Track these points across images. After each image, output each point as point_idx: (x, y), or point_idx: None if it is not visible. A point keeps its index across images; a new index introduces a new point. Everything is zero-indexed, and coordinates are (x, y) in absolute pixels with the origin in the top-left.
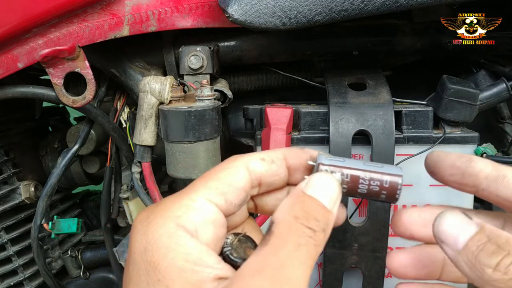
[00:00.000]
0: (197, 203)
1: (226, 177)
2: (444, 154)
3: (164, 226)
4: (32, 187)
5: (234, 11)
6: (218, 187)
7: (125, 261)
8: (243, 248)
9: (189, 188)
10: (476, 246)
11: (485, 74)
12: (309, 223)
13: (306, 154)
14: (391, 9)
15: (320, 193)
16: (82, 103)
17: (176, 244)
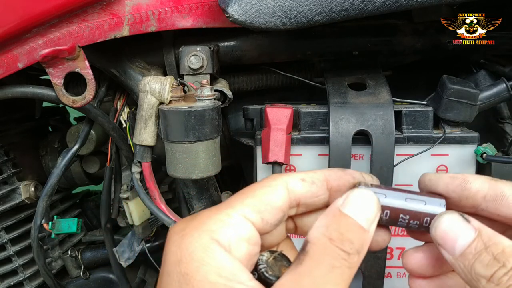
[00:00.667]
0: (233, 219)
1: (264, 195)
2: (436, 178)
3: (199, 239)
4: (32, 187)
5: (234, 11)
6: (255, 205)
7: (124, 261)
8: (278, 266)
9: (226, 204)
10: (472, 255)
11: (485, 74)
12: (344, 246)
13: (348, 176)
14: (391, 9)
15: (357, 211)
16: (82, 103)
17: (210, 258)
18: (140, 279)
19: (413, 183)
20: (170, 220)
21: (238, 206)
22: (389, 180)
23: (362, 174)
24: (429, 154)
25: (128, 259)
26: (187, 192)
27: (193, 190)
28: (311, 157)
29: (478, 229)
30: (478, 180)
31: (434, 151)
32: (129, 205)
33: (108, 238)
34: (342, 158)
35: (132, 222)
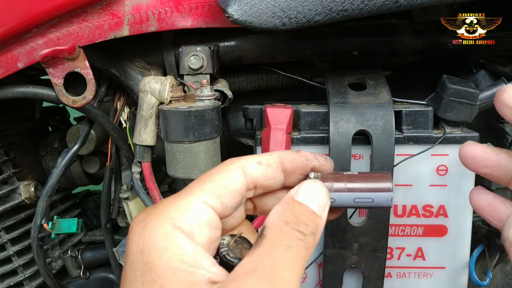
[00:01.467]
0: (194, 205)
1: (222, 180)
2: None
3: (160, 227)
4: (32, 187)
5: (234, 11)
6: (214, 190)
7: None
8: (240, 248)
9: (185, 190)
10: None
11: (485, 74)
12: (299, 227)
13: (302, 157)
14: (391, 9)
15: (309, 199)
16: (82, 103)
17: (172, 245)
18: None
19: (413, 183)
20: None
21: (197, 192)
22: None
23: (315, 156)
24: (429, 154)
25: None
26: None
27: None
28: None
29: None
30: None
31: (434, 151)
32: (129, 205)
33: (108, 238)
34: (342, 158)
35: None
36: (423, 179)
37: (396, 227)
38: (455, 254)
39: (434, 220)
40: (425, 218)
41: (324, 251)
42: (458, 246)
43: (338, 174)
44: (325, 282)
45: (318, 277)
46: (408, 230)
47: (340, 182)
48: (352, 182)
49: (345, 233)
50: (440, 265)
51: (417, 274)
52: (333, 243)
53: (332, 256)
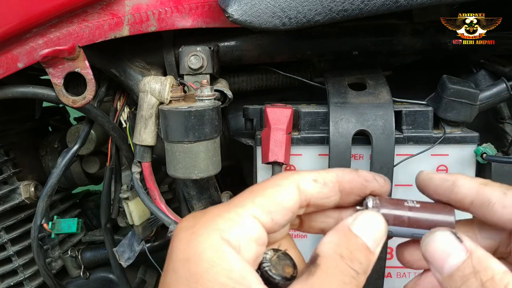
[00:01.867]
0: (243, 219)
1: (275, 195)
2: (428, 178)
3: (209, 238)
4: (32, 187)
5: (234, 11)
6: (265, 205)
7: (124, 261)
8: (282, 265)
9: (236, 202)
10: (460, 278)
11: (485, 74)
12: (354, 265)
13: (361, 178)
14: (391, 9)
15: (366, 233)
16: (82, 103)
17: (220, 259)
18: (140, 279)
19: (413, 183)
20: (170, 220)
21: (248, 205)
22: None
23: (374, 176)
24: (429, 154)
25: (128, 259)
26: (187, 192)
27: (193, 190)
28: (311, 157)
29: (470, 250)
30: (467, 185)
31: (434, 151)
32: (129, 205)
33: (108, 238)
34: (342, 158)
35: (132, 222)
36: None
37: None
38: None
39: None
40: None
41: None
42: None
43: (399, 202)
44: None
45: None
46: None
47: (400, 213)
48: (414, 213)
49: None
50: None
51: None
52: None
53: None
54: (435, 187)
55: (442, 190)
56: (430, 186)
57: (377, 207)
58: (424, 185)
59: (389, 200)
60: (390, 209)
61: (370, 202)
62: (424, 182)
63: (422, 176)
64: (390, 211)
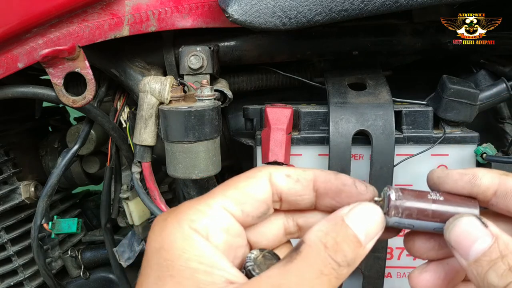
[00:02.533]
0: (212, 210)
1: (246, 187)
2: (444, 175)
3: (179, 228)
4: (32, 187)
5: (234, 11)
6: (236, 197)
7: (124, 261)
8: (267, 265)
9: (208, 194)
10: (487, 263)
11: (485, 74)
12: (336, 257)
13: (338, 181)
14: (391, 9)
15: (359, 225)
16: (82, 103)
17: (190, 246)
18: None
19: (413, 183)
20: None
21: (219, 197)
22: (389, 180)
23: (355, 182)
24: (429, 154)
25: (128, 259)
26: (187, 192)
27: (193, 190)
28: (311, 157)
29: (495, 235)
30: (488, 176)
31: (434, 151)
32: (129, 205)
33: (108, 238)
34: (342, 158)
35: (132, 222)
36: (423, 179)
37: None
38: None
39: None
40: None
41: None
42: None
43: (422, 194)
44: None
45: None
46: None
47: (424, 205)
48: (437, 206)
49: None
50: None
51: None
52: None
53: None
54: (453, 183)
55: (462, 184)
56: (448, 182)
57: (400, 199)
58: (440, 182)
59: (412, 192)
60: (413, 201)
61: (392, 194)
62: (440, 179)
63: (437, 173)
64: (413, 204)
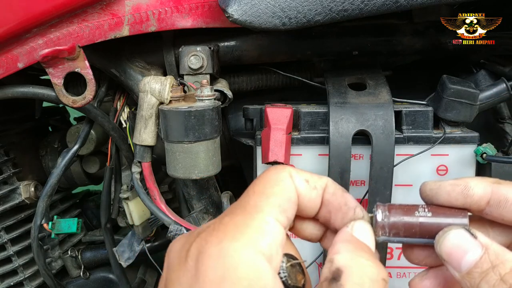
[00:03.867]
0: (270, 226)
1: (282, 192)
2: (436, 187)
3: (242, 252)
4: (32, 187)
5: (234, 11)
6: (280, 204)
7: (124, 261)
8: (294, 273)
9: (253, 206)
10: (478, 274)
11: (485, 74)
12: None
13: (343, 198)
14: (391, 9)
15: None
16: (82, 103)
17: (256, 276)
18: (140, 279)
19: (413, 183)
20: (170, 220)
21: (267, 208)
22: (389, 180)
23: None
24: (429, 154)
25: (128, 259)
26: (187, 192)
27: (193, 190)
28: (311, 157)
29: (485, 245)
30: (480, 186)
31: (434, 151)
32: (129, 205)
33: (108, 238)
34: (342, 158)
35: (132, 222)
36: (423, 179)
37: None
38: None
39: None
40: None
41: (324, 251)
42: None
43: (408, 211)
44: None
45: (318, 277)
46: None
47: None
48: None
49: None
50: None
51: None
52: None
53: None
54: (447, 194)
55: (455, 195)
56: (441, 194)
57: (387, 219)
58: (433, 194)
59: (399, 210)
60: (399, 220)
61: (379, 214)
62: (433, 191)
63: (429, 185)
64: (400, 223)
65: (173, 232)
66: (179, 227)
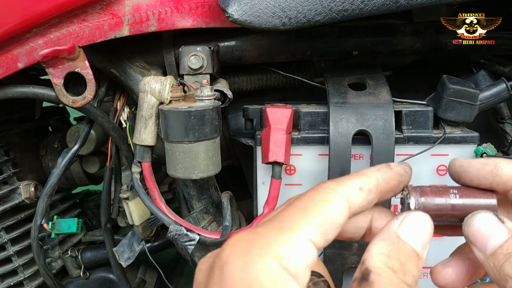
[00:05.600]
0: (301, 244)
1: (328, 212)
2: (466, 164)
3: (267, 266)
4: (32, 187)
5: (234, 11)
6: (321, 225)
7: (124, 261)
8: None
9: (288, 222)
10: (503, 255)
11: (485, 74)
12: (406, 279)
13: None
14: (391, 9)
15: (414, 237)
16: (82, 103)
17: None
18: (140, 279)
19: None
20: (170, 220)
21: (304, 227)
22: None
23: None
24: (429, 154)
25: (128, 259)
26: (187, 192)
27: (193, 190)
28: (311, 157)
29: (511, 230)
30: (510, 167)
31: (434, 151)
32: (129, 205)
33: (108, 238)
34: (342, 158)
35: (132, 222)
36: (423, 179)
37: None
38: None
39: None
40: None
41: (324, 251)
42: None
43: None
44: None
45: None
46: None
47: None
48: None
49: None
50: None
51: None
52: (333, 243)
53: (332, 256)
54: (476, 172)
55: (484, 173)
56: (471, 171)
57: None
58: (462, 171)
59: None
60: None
61: (412, 202)
62: (462, 167)
63: (459, 162)
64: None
65: (173, 232)
66: (179, 227)
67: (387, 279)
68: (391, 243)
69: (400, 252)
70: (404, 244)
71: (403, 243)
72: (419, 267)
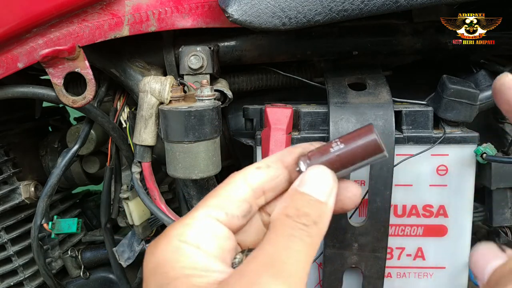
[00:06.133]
0: (198, 220)
1: (224, 192)
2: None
3: (169, 244)
4: (32, 187)
5: (234, 11)
6: (217, 203)
7: (124, 261)
8: None
9: (193, 209)
10: (494, 281)
11: (485, 74)
12: (300, 219)
13: (299, 148)
14: (391, 9)
15: (313, 188)
16: (82, 103)
17: (183, 256)
18: (140, 279)
19: (412, 183)
20: (170, 220)
21: (201, 207)
22: (389, 180)
23: (312, 143)
24: (429, 154)
25: (128, 259)
26: (187, 192)
27: (193, 190)
28: None
29: (510, 256)
30: None
31: (434, 151)
32: (129, 205)
33: (108, 238)
34: None
35: (132, 222)
36: (423, 179)
37: (396, 227)
38: (455, 254)
39: (434, 220)
40: (425, 218)
41: (324, 251)
42: (458, 246)
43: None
44: (325, 282)
45: (318, 277)
46: (408, 230)
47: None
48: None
49: (345, 233)
50: (440, 265)
51: (417, 274)
52: (333, 243)
53: (332, 256)
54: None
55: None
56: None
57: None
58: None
59: (315, 153)
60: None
61: (302, 166)
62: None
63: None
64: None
65: None
66: None
67: (280, 223)
68: (290, 197)
69: (297, 201)
70: (302, 195)
71: (301, 194)
72: (320, 210)
